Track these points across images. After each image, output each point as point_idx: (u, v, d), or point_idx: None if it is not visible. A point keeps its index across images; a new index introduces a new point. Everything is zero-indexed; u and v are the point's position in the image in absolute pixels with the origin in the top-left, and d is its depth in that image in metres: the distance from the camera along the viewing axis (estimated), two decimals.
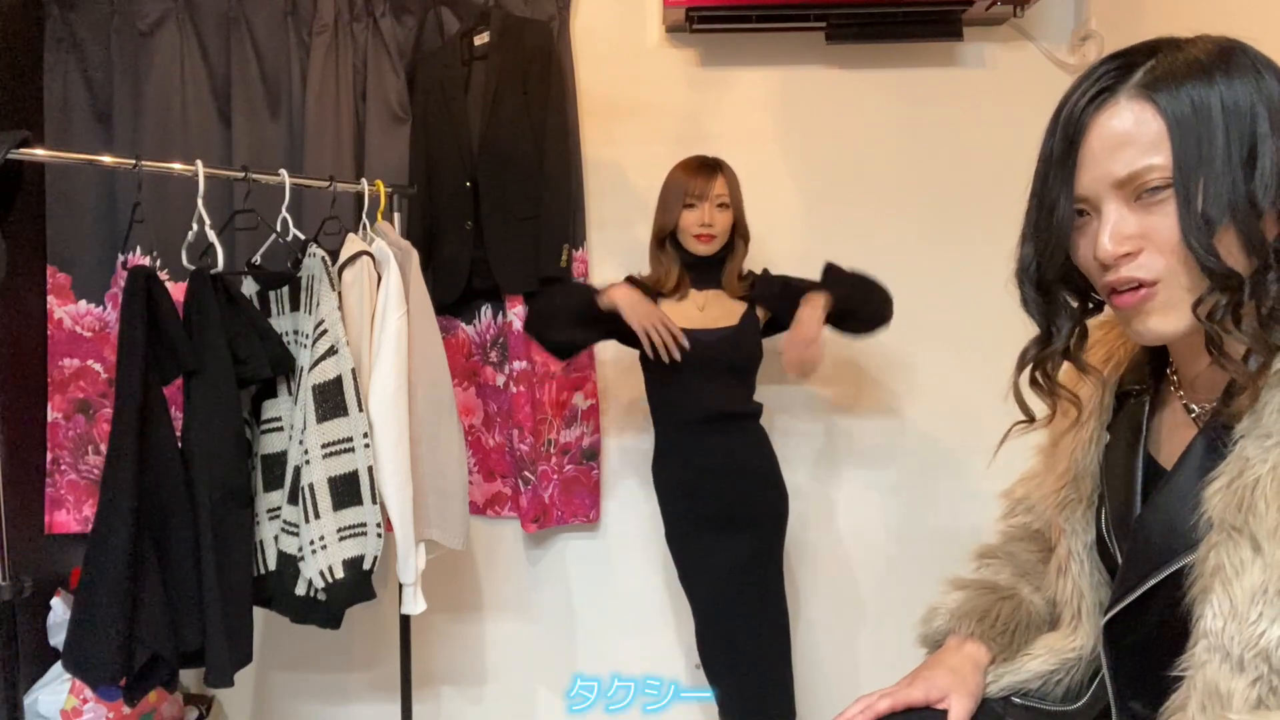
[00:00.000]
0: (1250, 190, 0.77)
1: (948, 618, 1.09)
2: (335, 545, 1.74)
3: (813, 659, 2.52)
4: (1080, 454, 1.01)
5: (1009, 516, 1.20)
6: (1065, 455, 1.02)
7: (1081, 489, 1.01)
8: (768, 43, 2.44)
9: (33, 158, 1.50)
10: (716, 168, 2.08)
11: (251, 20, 2.35)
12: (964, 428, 2.50)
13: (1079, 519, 1.01)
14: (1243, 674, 0.75)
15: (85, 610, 1.55)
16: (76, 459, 2.36)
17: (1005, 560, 1.14)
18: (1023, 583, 1.10)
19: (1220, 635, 0.76)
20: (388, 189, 2.06)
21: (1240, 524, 0.77)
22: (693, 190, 2.04)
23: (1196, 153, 0.78)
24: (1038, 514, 1.14)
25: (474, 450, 2.47)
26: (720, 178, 2.07)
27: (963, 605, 1.09)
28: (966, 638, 1.06)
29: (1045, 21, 2.44)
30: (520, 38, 2.31)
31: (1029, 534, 1.16)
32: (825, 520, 2.54)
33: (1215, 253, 0.77)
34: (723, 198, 2.06)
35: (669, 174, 2.11)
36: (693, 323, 2.07)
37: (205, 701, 2.41)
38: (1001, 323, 2.52)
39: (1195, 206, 0.78)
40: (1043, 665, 1.02)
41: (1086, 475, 1.00)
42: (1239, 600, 0.75)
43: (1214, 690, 0.76)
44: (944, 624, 1.09)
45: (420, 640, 2.44)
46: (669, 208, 2.08)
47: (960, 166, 2.47)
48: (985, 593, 1.09)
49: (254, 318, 1.76)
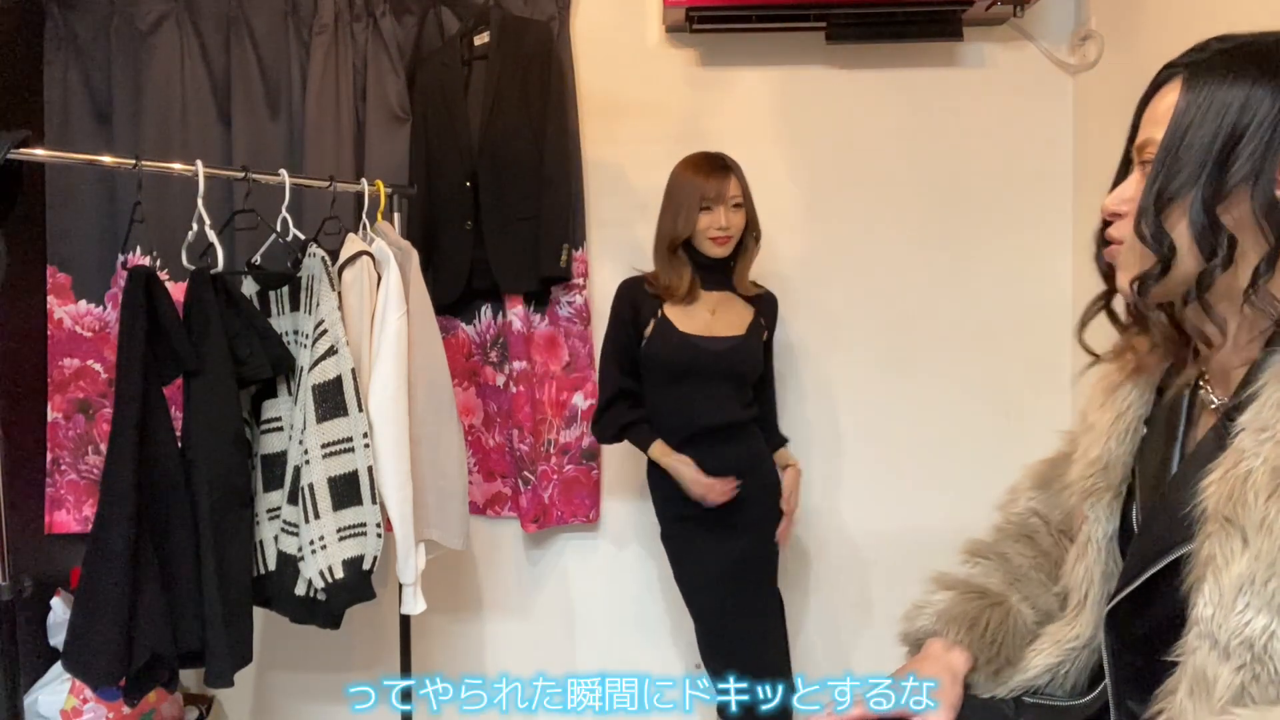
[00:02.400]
0: (1216, 181, 0.82)
1: (933, 619, 1.08)
2: (335, 545, 1.73)
3: (811, 659, 2.52)
4: (1115, 443, 1.00)
5: (1009, 506, 1.18)
6: (1099, 442, 1.01)
7: (1111, 477, 1.00)
8: (768, 43, 2.44)
9: (33, 158, 1.50)
10: (729, 168, 2.04)
11: (251, 20, 2.35)
12: (963, 427, 2.50)
13: (1103, 507, 1.00)
14: (1228, 661, 0.76)
15: (85, 610, 1.55)
16: (76, 459, 2.36)
17: (997, 563, 1.12)
18: (1013, 590, 1.09)
19: (1210, 623, 0.78)
20: (388, 189, 2.06)
21: (1232, 515, 0.78)
22: (709, 193, 2.00)
23: (1182, 135, 0.83)
24: (1055, 501, 1.13)
25: (474, 450, 2.47)
26: (734, 178, 2.03)
27: (950, 608, 1.07)
28: (953, 644, 1.05)
29: (1045, 21, 2.44)
30: (520, 38, 2.31)
31: (1025, 532, 1.15)
32: (822, 520, 2.54)
33: (1156, 226, 0.84)
34: (737, 198, 2.03)
35: (677, 174, 2.07)
36: (703, 329, 2.06)
37: (205, 701, 2.42)
38: (1001, 321, 2.54)
39: (1158, 182, 0.84)
40: (1048, 659, 1.01)
41: (1118, 464, 0.99)
42: (1227, 590, 0.77)
43: (1202, 676, 0.78)
44: (928, 625, 1.08)
45: (420, 640, 2.44)
46: (685, 213, 2.02)
47: (960, 166, 2.47)
48: (974, 597, 1.08)
49: (254, 318, 1.76)
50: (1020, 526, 1.16)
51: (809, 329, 2.48)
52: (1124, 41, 2.24)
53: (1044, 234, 2.47)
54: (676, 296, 2.06)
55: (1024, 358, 2.49)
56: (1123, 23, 2.23)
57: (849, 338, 2.50)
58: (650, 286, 2.10)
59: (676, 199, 2.04)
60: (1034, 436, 2.48)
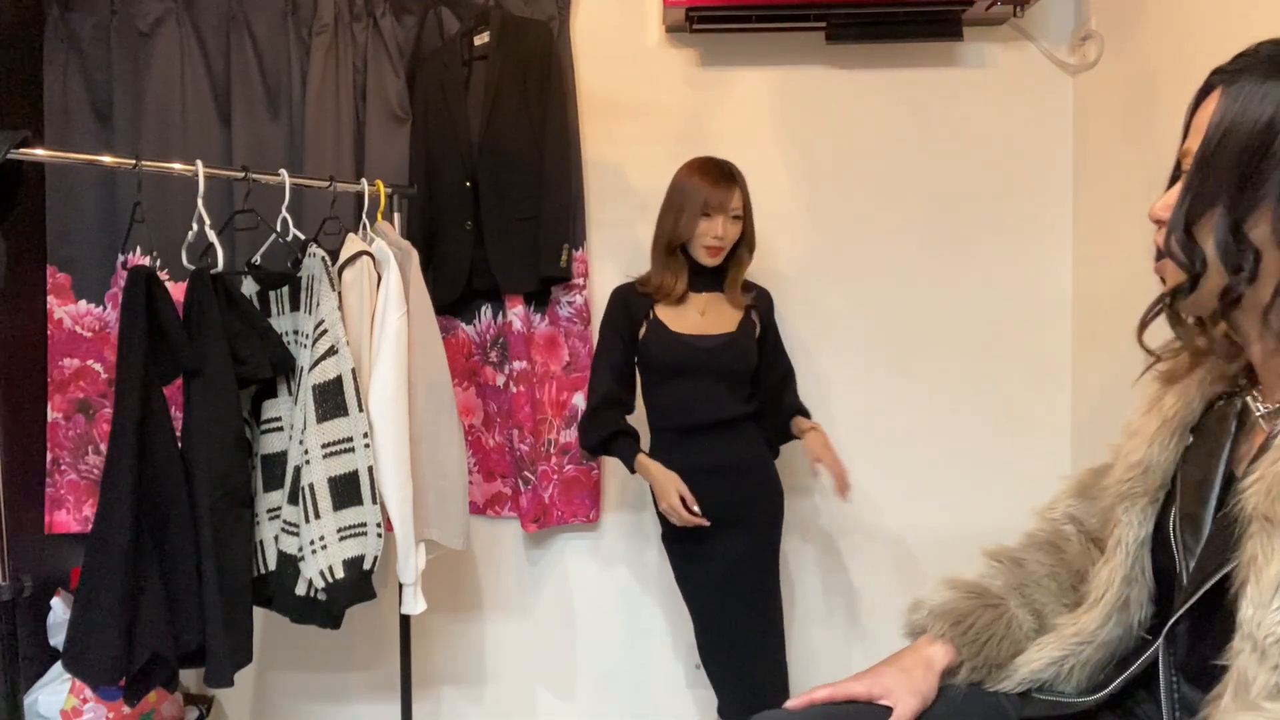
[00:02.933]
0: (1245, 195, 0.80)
1: (926, 614, 1.09)
2: (335, 545, 1.74)
3: (809, 658, 2.52)
4: (1158, 449, 0.98)
5: (1047, 512, 1.17)
6: (1141, 447, 1.00)
7: (1149, 482, 0.98)
8: (768, 43, 2.44)
9: (33, 157, 1.50)
10: (734, 178, 2.04)
11: (251, 20, 2.35)
12: (962, 427, 2.50)
13: (1137, 511, 0.99)
14: (1264, 661, 0.75)
15: (85, 610, 1.55)
16: (76, 459, 2.36)
17: (1009, 567, 1.12)
18: (1015, 594, 1.09)
19: (1250, 624, 0.77)
20: (388, 189, 2.06)
21: (1270, 512, 0.77)
22: (713, 201, 1.99)
23: (1214, 148, 0.82)
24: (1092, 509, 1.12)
25: (474, 450, 2.47)
26: (738, 190, 2.03)
27: (944, 605, 1.08)
28: (936, 638, 1.06)
29: (1045, 21, 2.44)
30: (520, 38, 2.31)
31: (1054, 539, 1.14)
32: (823, 520, 2.54)
33: (1186, 241, 0.84)
34: (738, 211, 2.03)
35: (682, 176, 2.06)
36: (693, 328, 2.06)
37: (205, 701, 2.42)
38: (1001, 321, 2.54)
39: (1189, 197, 0.84)
40: (1052, 652, 1.01)
41: (1158, 470, 0.98)
42: (1265, 588, 0.76)
43: (1243, 678, 0.77)
44: (921, 619, 1.09)
45: (420, 640, 2.44)
46: (687, 217, 2.01)
47: (960, 166, 2.47)
48: (971, 597, 1.08)
49: (254, 318, 1.76)
50: (1050, 534, 1.15)
51: (808, 329, 2.48)
52: (1124, 41, 2.24)
53: (1044, 234, 2.47)
54: (670, 297, 2.07)
55: (1024, 358, 2.49)
56: (1123, 23, 2.23)
57: (848, 337, 2.50)
58: (642, 288, 2.10)
59: (679, 201, 2.03)
60: (1034, 437, 2.51)
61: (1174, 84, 2.01)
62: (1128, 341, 0.96)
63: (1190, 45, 1.94)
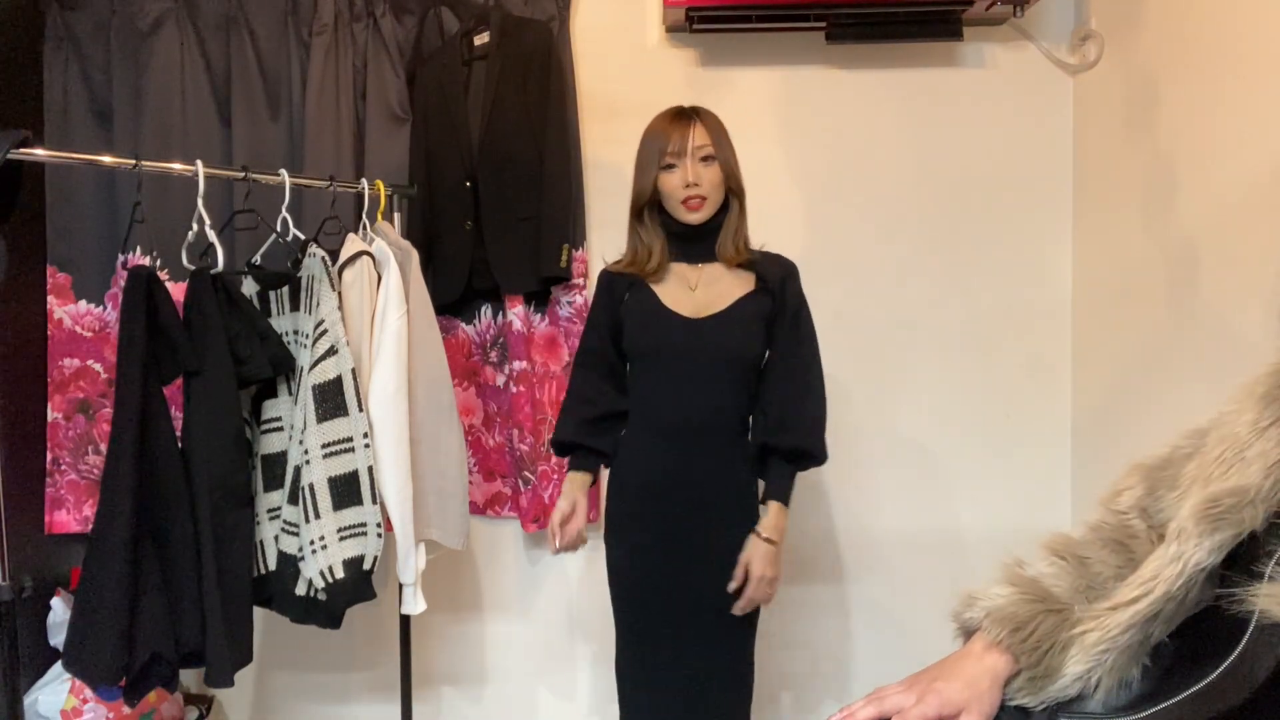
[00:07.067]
0: None
1: (982, 614, 0.98)
2: (335, 545, 1.74)
3: (806, 656, 2.52)
4: (1270, 483, 0.84)
5: (1111, 502, 1.03)
6: (1246, 471, 0.86)
7: (1246, 516, 0.85)
8: (768, 43, 2.44)
9: (33, 158, 1.50)
10: (693, 114, 1.76)
11: (251, 20, 2.35)
12: (962, 427, 2.50)
13: (1214, 540, 0.85)
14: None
15: (85, 610, 1.55)
16: (76, 459, 2.36)
17: (1074, 567, 1.01)
18: (1080, 599, 0.98)
19: None
20: (388, 189, 2.07)
21: None
22: (669, 146, 1.72)
23: None
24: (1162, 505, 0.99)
25: (474, 450, 2.47)
26: (699, 125, 1.74)
27: (1004, 606, 0.98)
28: (993, 644, 0.96)
29: (1045, 21, 2.44)
30: (520, 38, 2.32)
31: (1121, 536, 1.02)
32: (819, 521, 2.54)
33: None
34: (705, 149, 1.73)
35: (644, 133, 1.82)
36: (682, 307, 1.77)
37: (205, 701, 2.42)
38: (1001, 321, 2.54)
39: None
40: (1077, 666, 0.92)
41: (1260, 506, 0.84)
42: None
43: None
44: (975, 617, 0.99)
45: (420, 640, 2.44)
46: (644, 170, 1.75)
47: (960, 166, 2.47)
48: (1032, 601, 0.98)
49: (254, 318, 1.76)
50: (1117, 529, 1.03)
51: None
52: (1124, 41, 2.24)
53: (1044, 233, 2.47)
54: (645, 270, 1.78)
55: (1024, 357, 2.49)
56: (1123, 23, 2.23)
57: (848, 337, 2.50)
58: (618, 265, 1.86)
59: (640, 158, 1.78)
60: (1034, 437, 2.50)
61: (1174, 84, 2.00)
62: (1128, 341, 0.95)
63: (1190, 45, 1.94)
